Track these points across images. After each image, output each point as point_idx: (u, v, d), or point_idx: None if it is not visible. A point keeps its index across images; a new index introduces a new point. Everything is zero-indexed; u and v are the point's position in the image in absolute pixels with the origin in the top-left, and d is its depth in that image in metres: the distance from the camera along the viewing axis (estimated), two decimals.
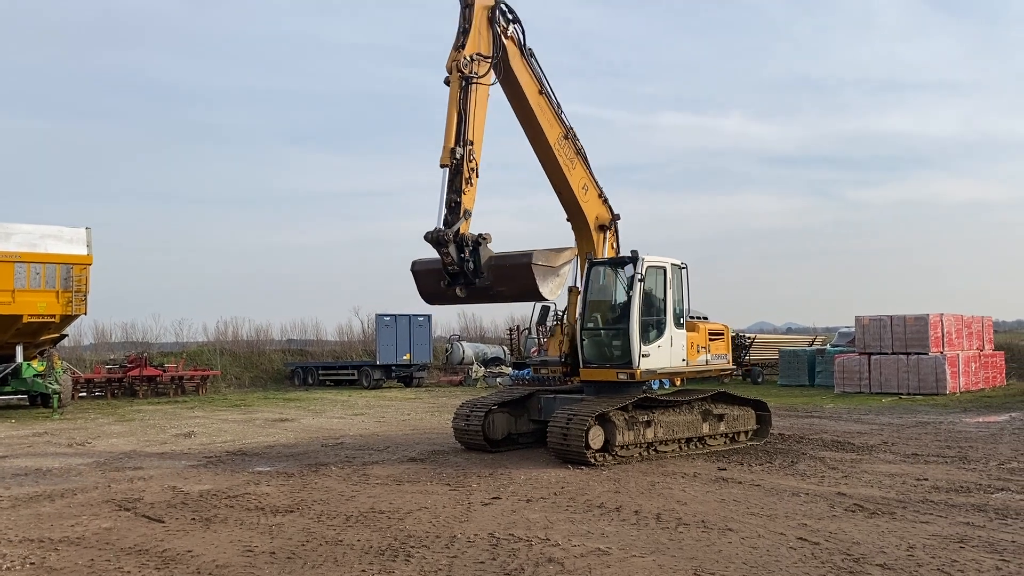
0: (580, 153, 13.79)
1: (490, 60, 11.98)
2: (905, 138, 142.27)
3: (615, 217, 14.44)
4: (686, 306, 13.74)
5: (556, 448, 12.18)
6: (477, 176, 11.55)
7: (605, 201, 14.30)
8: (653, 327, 13.13)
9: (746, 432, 14.19)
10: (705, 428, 13.38)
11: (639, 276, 12.82)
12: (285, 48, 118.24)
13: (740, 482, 10.59)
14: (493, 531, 7.94)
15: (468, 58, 11.69)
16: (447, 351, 41.33)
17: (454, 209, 11.29)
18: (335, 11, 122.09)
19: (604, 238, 14.22)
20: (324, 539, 7.75)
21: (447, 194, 11.38)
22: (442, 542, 7.56)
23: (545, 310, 13.98)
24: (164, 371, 31.70)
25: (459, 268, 11.34)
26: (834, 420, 18.85)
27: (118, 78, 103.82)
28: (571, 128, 13.65)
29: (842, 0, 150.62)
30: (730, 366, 15.27)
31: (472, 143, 11.50)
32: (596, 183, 14.13)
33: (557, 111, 13.42)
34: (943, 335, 26.45)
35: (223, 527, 8.35)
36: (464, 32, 11.90)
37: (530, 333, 36.57)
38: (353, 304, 68.47)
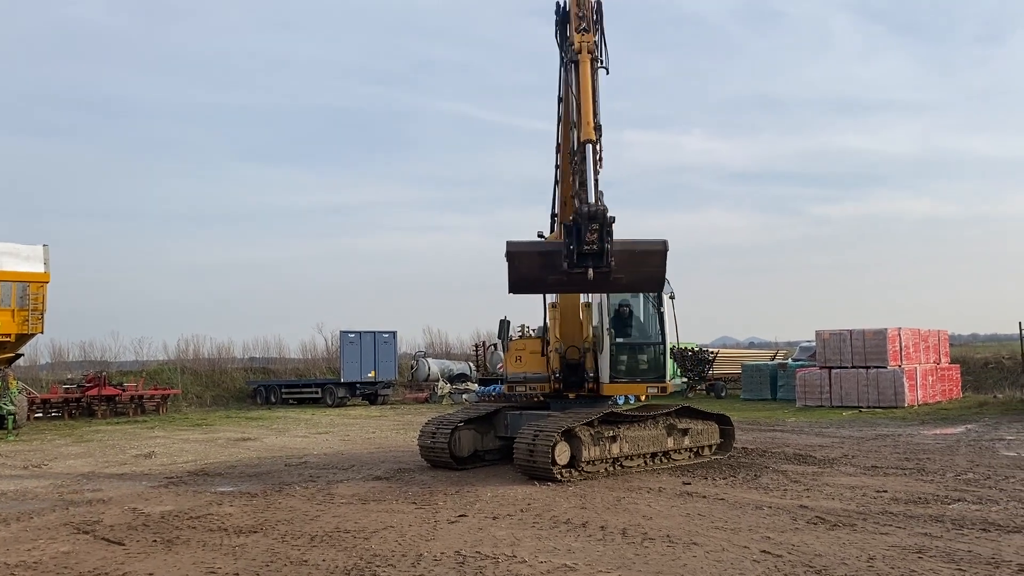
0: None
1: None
2: (863, 155, 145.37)
3: None
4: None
5: (522, 464, 12.19)
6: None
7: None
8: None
9: (710, 446, 14.32)
10: (670, 443, 13.48)
11: (670, 294, 13.36)
12: (244, 64, 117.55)
13: (704, 496, 10.69)
14: (459, 549, 7.93)
15: (594, 42, 12.00)
16: (412, 368, 41.17)
17: (595, 185, 10.79)
18: (295, 27, 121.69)
19: None
20: (289, 559, 7.67)
21: (592, 169, 10.92)
22: (408, 561, 7.52)
23: (505, 324, 14.11)
24: (123, 390, 31.13)
25: (596, 249, 10.47)
26: (796, 434, 19.10)
27: (74, 94, 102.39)
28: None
29: (799, 21, 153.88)
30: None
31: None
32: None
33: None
34: (901, 349, 26.96)
35: (185, 549, 8.23)
36: (582, 18, 12.21)
37: (495, 349, 36.48)
38: (316, 321, 67.78)
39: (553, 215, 14.20)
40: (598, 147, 11.23)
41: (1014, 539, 7.99)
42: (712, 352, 35.34)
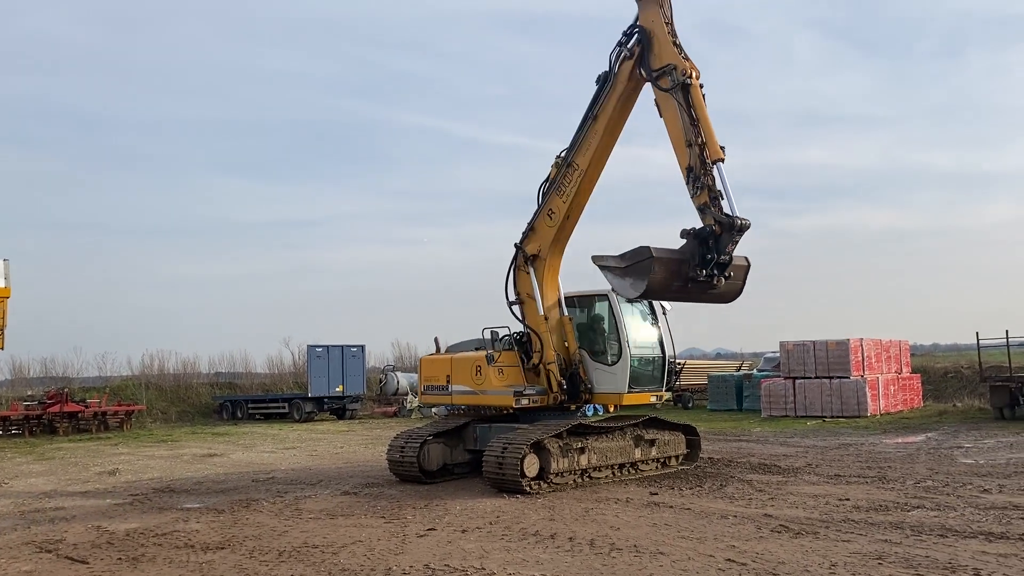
0: None
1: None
2: (825, 169, 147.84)
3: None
4: None
5: (492, 477, 12.24)
6: None
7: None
8: None
9: (677, 457, 14.47)
10: (637, 453, 13.61)
11: (663, 308, 14.14)
12: (213, 77, 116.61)
13: (671, 506, 10.81)
14: (428, 562, 7.96)
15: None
16: (381, 382, 40.93)
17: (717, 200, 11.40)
18: (264, 39, 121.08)
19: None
20: (257, 575, 7.64)
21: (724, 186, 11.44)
22: (377, 575, 7.53)
23: (496, 335, 14.19)
24: (86, 407, 30.57)
25: (727, 260, 11.27)
26: (761, 443, 19.35)
27: (37, 105, 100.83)
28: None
29: (761, 37, 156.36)
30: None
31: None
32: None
33: None
34: (863, 359, 27.42)
35: (151, 566, 8.16)
36: (679, 47, 12.38)
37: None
38: (283, 335, 67.12)
39: (528, 226, 14.09)
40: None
41: (970, 544, 8.21)
42: (679, 363, 35.58)
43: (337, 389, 35.31)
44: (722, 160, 11.62)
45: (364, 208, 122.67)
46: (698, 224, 11.33)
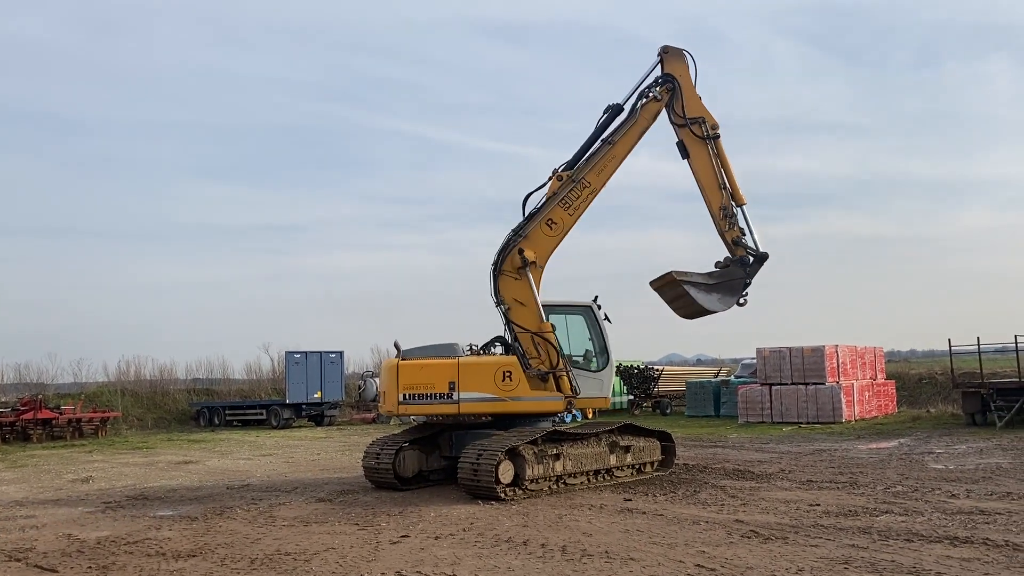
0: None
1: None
2: (803, 176, 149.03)
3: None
4: None
5: (467, 484, 12.27)
6: None
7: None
8: None
9: (652, 463, 14.57)
10: (612, 460, 13.69)
11: (605, 316, 14.42)
12: (192, 80, 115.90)
13: (644, 512, 10.89)
14: (400, 569, 7.98)
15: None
16: (360, 388, 40.77)
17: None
18: (245, 44, 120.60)
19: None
20: None
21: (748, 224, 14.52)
22: None
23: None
24: (60, 413, 30.26)
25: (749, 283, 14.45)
26: (737, 449, 19.50)
27: (11, 109, 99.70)
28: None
29: (740, 45, 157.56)
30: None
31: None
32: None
33: None
34: (838, 366, 27.70)
35: (121, 574, 8.13)
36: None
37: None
38: (262, 341, 66.64)
39: (517, 234, 14.05)
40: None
41: (935, 548, 8.34)
42: (657, 370, 35.83)
43: (315, 395, 35.19)
44: (745, 204, 14.56)
45: (343, 213, 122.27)
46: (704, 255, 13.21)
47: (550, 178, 14.27)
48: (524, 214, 14.24)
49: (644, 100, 14.58)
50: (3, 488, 15.64)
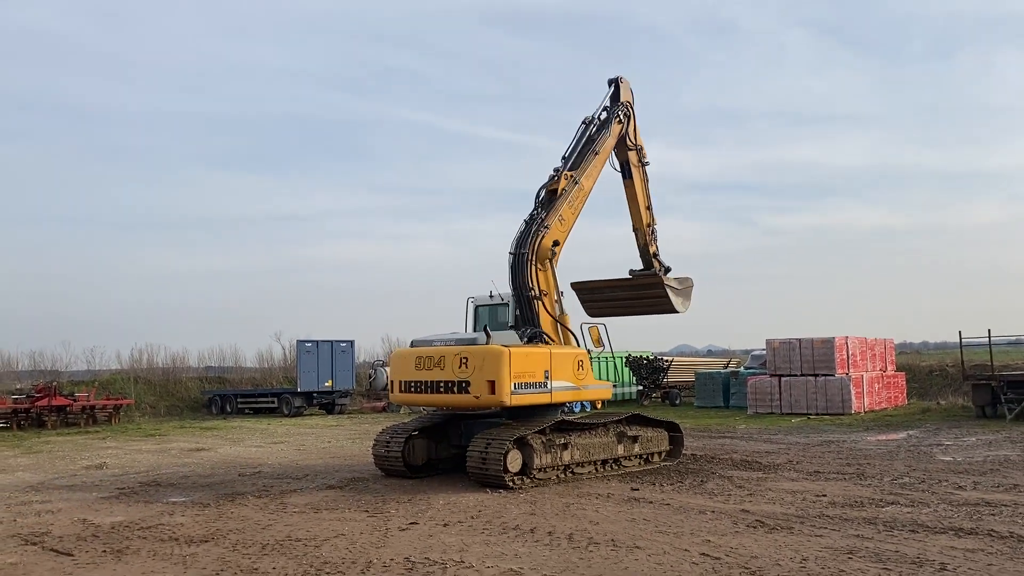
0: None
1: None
2: (816, 167, 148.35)
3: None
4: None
5: (475, 472, 12.38)
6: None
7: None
8: None
9: (660, 453, 14.65)
10: (620, 450, 13.78)
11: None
12: (204, 71, 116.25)
13: (651, 502, 10.97)
14: (409, 555, 8.09)
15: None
16: (371, 377, 40.78)
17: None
18: (258, 35, 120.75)
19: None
20: (239, 568, 7.76)
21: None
22: (358, 568, 7.66)
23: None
24: (74, 400, 30.58)
25: None
26: (745, 440, 19.55)
27: (27, 99, 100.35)
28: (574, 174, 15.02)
29: (754, 36, 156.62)
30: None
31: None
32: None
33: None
34: (848, 357, 27.66)
35: (135, 559, 8.28)
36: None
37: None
38: (274, 330, 66.91)
39: (541, 225, 14.10)
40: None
41: (939, 539, 8.39)
42: (667, 360, 35.81)
43: (326, 384, 35.39)
44: (657, 224, 17.05)
45: (353, 203, 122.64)
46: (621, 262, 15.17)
47: (552, 176, 14.76)
48: (538, 206, 14.48)
49: (613, 120, 15.94)
50: (19, 474, 15.86)
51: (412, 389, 13.53)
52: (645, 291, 16.76)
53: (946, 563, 7.41)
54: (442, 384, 12.96)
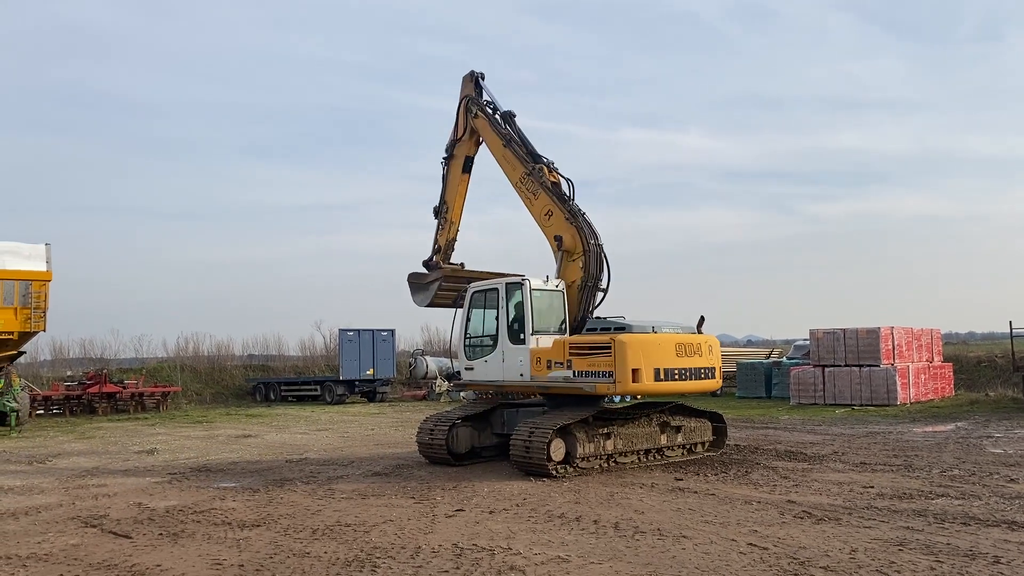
0: (544, 185, 14.44)
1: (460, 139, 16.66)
2: (858, 154, 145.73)
3: (586, 240, 13.79)
4: (528, 320, 13.40)
5: (518, 461, 12.47)
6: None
7: (575, 224, 13.90)
8: (480, 345, 14.29)
9: (703, 443, 14.59)
10: (663, 440, 13.76)
11: (461, 302, 14.68)
12: (247, 62, 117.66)
13: (696, 492, 10.96)
14: (457, 542, 8.20)
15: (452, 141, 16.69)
16: (411, 366, 41.35)
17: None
18: (297, 26, 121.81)
19: (560, 257, 14.04)
20: (292, 552, 7.93)
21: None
22: (407, 553, 7.79)
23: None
24: (124, 388, 31.37)
25: None
26: (788, 431, 19.38)
27: (76, 91, 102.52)
28: (539, 165, 14.73)
29: (794, 20, 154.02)
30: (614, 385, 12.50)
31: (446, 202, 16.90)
32: (564, 208, 14.10)
33: (523, 155, 15.00)
34: (894, 348, 27.24)
35: (191, 542, 8.50)
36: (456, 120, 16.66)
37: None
38: (315, 319, 67.74)
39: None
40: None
41: (992, 532, 8.27)
42: None
43: (368, 372, 35.82)
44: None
45: (390, 192, 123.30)
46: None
47: (552, 171, 14.86)
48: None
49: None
50: (74, 458, 16.33)
51: (674, 377, 12.81)
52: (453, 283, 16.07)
53: (1000, 556, 7.31)
54: (703, 371, 13.38)
